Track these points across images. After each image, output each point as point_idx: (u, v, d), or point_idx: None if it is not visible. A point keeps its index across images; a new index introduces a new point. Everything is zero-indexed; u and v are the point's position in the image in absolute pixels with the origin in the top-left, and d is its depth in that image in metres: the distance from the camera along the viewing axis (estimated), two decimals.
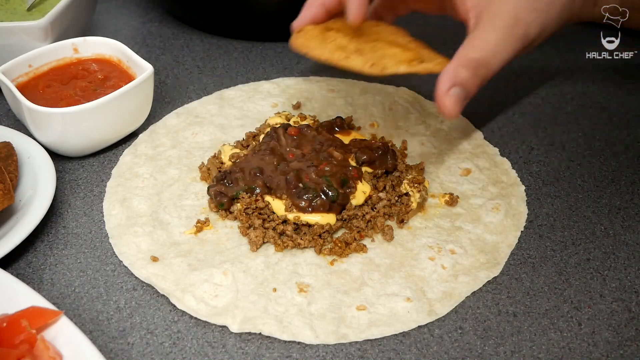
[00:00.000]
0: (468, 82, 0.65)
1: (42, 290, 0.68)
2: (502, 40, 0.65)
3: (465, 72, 0.64)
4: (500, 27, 0.65)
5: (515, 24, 0.65)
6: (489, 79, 0.67)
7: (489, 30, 0.65)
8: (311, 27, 0.73)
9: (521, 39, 0.66)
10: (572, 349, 0.63)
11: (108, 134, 0.83)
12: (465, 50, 0.65)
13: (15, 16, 0.91)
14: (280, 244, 0.71)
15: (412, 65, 0.66)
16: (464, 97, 0.65)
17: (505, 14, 0.65)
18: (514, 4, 0.65)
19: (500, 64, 0.66)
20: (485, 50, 0.65)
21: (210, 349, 0.63)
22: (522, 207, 0.77)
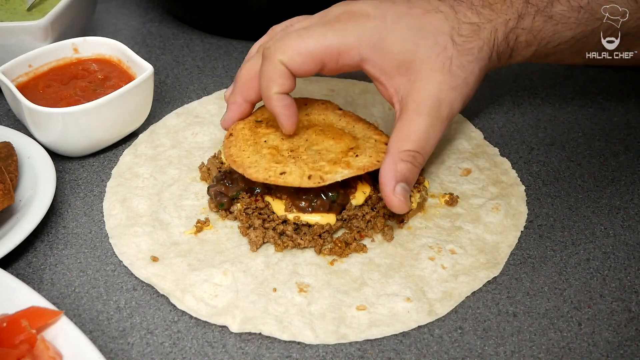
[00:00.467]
0: (409, 174, 0.67)
1: (42, 290, 0.68)
2: (430, 126, 0.66)
3: (404, 166, 0.66)
4: (426, 114, 0.66)
5: (439, 106, 0.66)
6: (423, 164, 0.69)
7: (416, 118, 0.66)
8: (241, 126, 0.76)
9: (447, 118, 0.67)
10: (572, 349, 0.63)
11: (108, 134, 0.83)
12: (399, 143, 0.66)
13: (15, 16, 0.91)
14: (280, 244, 0.71)
15: (350, 167, 0.69)
16: (409, 188, 0.67)
17: (428, 97, 0.66)
18: (435, 85, 0.66)
19: (433, 147, 0.68)
20: (418, 140, 0.66)
21: (210, 349, 0.63)
22: (522, 207, 0.77)
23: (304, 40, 0.66)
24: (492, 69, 0.72)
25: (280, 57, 0.66)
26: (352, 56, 0.67)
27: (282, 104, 0.69)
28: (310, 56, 0.66)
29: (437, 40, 0.66)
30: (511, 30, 0.69)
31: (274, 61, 0.67)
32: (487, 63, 0.69)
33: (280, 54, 0.66)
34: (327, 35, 0.66)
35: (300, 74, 0.68)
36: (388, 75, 0.68)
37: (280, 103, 0.69)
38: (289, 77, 0.67)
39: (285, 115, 0.69)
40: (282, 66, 0.67)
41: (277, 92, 0.68)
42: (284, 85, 0.68)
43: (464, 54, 0.67)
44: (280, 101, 0.69)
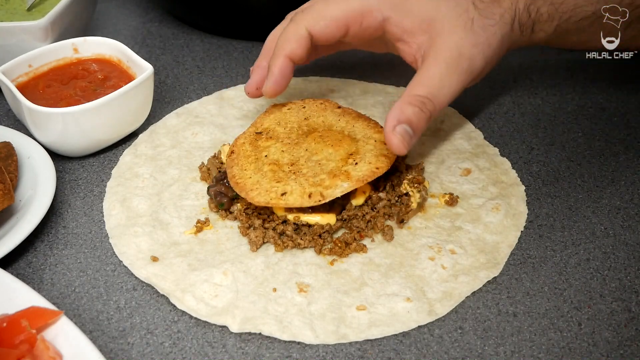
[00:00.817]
0: (414, 118, 0.66)
1: (42, 290, 0.68)
2: (446, 74, 0.67)
3: (411, 109, 0.66)
4: (444, 62, 0.67)
5: (459, 58, 0.67)
6: (438, 113, 0.68)
7: (434, 65, 0.67)
8: (241, 142, 0.76)
9: (466, 72, 0.67)
10: (572, 349, 0.63)
11: (108, 134, 0.83)
12: (411, 88, 0.67)
13: (15, 16, 0.91)
14: (280, 244, 0.71)
15: (350, 179, 0.69)
16: (412, 133, 0.66)
17: (448, 49, 0.67)
18: (456, 40, 0.67)
19: (447, 97, 0.68)
20: (431, 86, 0.67)
21: (210, 349, 0.63)
22: (522, 207, 0.77)
23: (329, 6, 0.69)
24: (515, 44, 0.72)
25: (306, 22, 0.70)
26: (375, 17, 0.69)
27: (281, 67, 0.71)
28: (334, 20, 0.69)
29: (458, 2, 0.68)
30: (532, 1, 0.69)
31: (298, 25, 0.70)
32: (509, 31, 0.69)
33: (306, 19, 0.70)
34: (350, 0, 0.69)
35: (324, 38, 0.70)
36: (410, 33, 0.69)
37: (280, 64, 0.71)
38: (305, 45, 0.70)
39: (276, 79, 0.72)
40: (305, 31, 0.70)
41: (287, 55, 0.71)
42: (296, 51, 0.70)
43: (485, 16, 0.67)
44: (283, 63, 0.71)
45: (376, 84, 0.96)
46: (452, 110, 0.91)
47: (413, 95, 0.67)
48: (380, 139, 0.74)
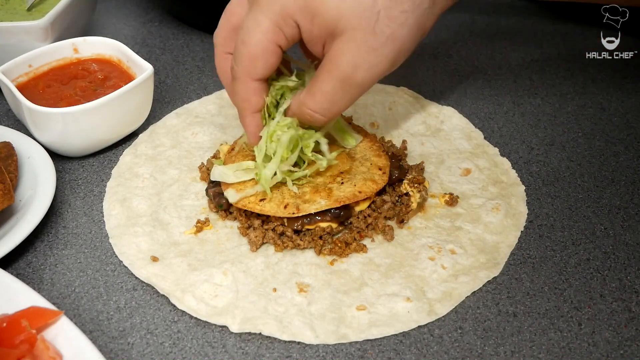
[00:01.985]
0: (304, 124, 0.68)
1: (42, 290, 0.68)
2: (339, 91, 0.64)
3: (301, 117, 0.67)
4: (338, 79, 0.63)
5: (353, 71, 0.62)
6: (330, 121, 0.68)
7: (327, 80, 0.64)
8: (243, 140, 0.76)
9: (362, 83, 0.64)
10: (572, 349, 0.63)
11: (108, 134, 0.83)
12: (305, 98, 0.66)
13: (15, 16, 0.91)
14: (280, 244, 0.71)
15: (329, 197, 0.69)
16: None
17: (343, 63, 0.62)
18: (352, 50, 0.62)
19: (340, 110, 0.67)
20: (323, 102, 0.65)
21: (210, 349, 0.63)
22: (522, 207, 0.77)
23: (249, 45, 0.64)
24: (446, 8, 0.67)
25: (246, 72, 0.65)
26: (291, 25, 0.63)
27: (255, 124, 0.70)
28: (266, 52, 0.64)
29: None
30: None
31: (243, 80, 0.66)
32: (428, 7, 0.63)
33: (243, 69, 0.65)
34: (260, 21, 0.63)
35: (270, 71, 0.66)
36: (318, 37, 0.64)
37: (251, 122, 0.70)
38: (262, 91, 0.67)
39: (255, 135, 0.70)
40: (254, 83, 0.66)
41: (253, 112, 0.69)
42: (259, 102, 0.68)
43: (396, 3, 0.61)
44: (253, 120, 0.69)
45: (376, 83, 0.95)
46: (452, 111, 0.91)
47: (305, 106, 0.66)
48: (376, 163, 0.74)
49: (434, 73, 1.00)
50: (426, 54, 1.03)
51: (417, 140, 0.86)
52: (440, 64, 1.02)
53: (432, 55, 1.03)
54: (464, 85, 0.97)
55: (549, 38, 1.08)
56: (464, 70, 1.00)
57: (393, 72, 0.98)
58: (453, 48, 1.06)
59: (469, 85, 0.97)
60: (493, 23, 1.12)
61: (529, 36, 1.08)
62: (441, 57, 1.03)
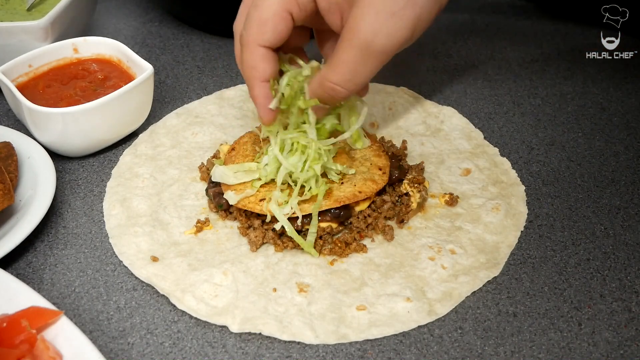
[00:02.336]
0: (326, 100, 0.67)
1: (42, 290, 0.68)
2: (360, 61, 0.63)
3: (322, 93, 0.66)
4: (358, 48, 0.62)
5: (373, 39, 0.61)
6: (354, 93, 0.67)
7: (348, 50, 0.63)
8: (245, 140, 0.78)
9: (382, 51, 0.62)
10: (572, 349, 0.63)
11: (108, 134, 0.83)
12: (326, 71, 0.65)
13: (15, 16, 0.91)
14: (280, 244, 0.71)
15: (329, 198, 0.70)
16: (325, 107, 0.67)
17: (361, 30, 0.61)
18: (370, 17, 0.61)
19: (362, 82, 0.65)
20: (344, 74, 0.64)
21: (210, 349, 0.63)
22: (522, 207, 0.77)
23: (260, 9, 0.64)
24: None
25: (254, 38, 0.65)
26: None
27: (262, 94, 0.68)
28: (276, 17, 0.64)
29: None
30: None
31: (250, 46, 0.66)
32: None
33: (252, 36, 0.65)
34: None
35: (280, 39, 0.66)
36: (335, 3, 0.64)
37: (259, 92, 0.68)
38: (270, 59, 0.67)
39: (264, 107, 0.69)
40: (260, 49, 0.66)
41: (261, 80, 0.67)
42: (266, 70, 0.67)
43: None
44: (262, 90, 0.68)
45: (376, 83, 0.95)
46: (452, 111, 0.91)
47: (326, 80, 0.65)
48: (377, 163, 0.74)
49: (434, 73, 1.00)
50: (426, 54, 1.03)
51: (417, 140, 0.86)
52: (440, 64, 1.02)
53: (432, 55, 1.03)
54: (464, 85, 0.97)
55: (549, 38, 1.08)
56: (464, 70, 1.00)
57: (393, 72, 0.98)
58: (453, 48, 1.06)
59: (469, 85, 0.97)
60: (493, 23, 1.12)
61: (529, 36, 1.08)
62: (441, 57, 1.03)
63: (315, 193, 0.69)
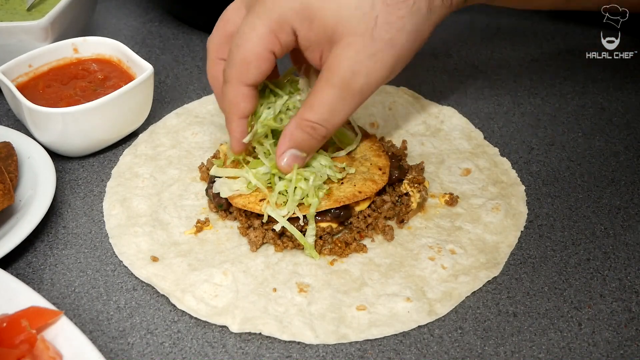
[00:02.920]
0: (304, 143, 0.66)
1: (42, 290, 0.68)
2: (339, 99, 0.63)
3: (300, 135, 0.66)
4: (337, 86, 0.62)
5: (351, 78, 0.61)
6: (332, 133, 0.67)
7: (326, 89, 0.63)
8: None
9: (361, 91, 0.63)
10: (572, 349, 0.63)
11: (108, 134, 0.83)
12: (304, 110, 0.65)
13: (15, 16, 0.91)
14: (280, 244, 0.71)
15: (330, 198, 0.69)
16: (303, 155, 0.67)
17: (341, 69, 0.61)
18: (351, 56, 0.61)
19: (340, 120, 0.65)
20: (322, 113, 0.64)
21: (210, 349, 0.63)
22: (522, 207, 0.77)
23: (243, 49, 0.63)
24: (444, 16, 0.66)
25: (238, 76, 0.65)
26: (287, 31, 0.63)
27: (240, 130, 0.69)
28: (259, 57, 0.63)
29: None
30: None
31: (233, 85, 0.66)
32: (425, 14, 0.62)
33: (236, 73, 0.65)
34: (256, 26, 0.63)
35: (262, 77, 0.66)
36: (316, 43, 0.64)
37: (236, 127, 0.69)
38: (252, 97, 0.66)
39: (238, 140, 0.69)
40: (244, 88, 0.65)
41: (240, 117, 0.68)
42: (247, 108, 0.67)
43: (393, 9, 0.61)
44: (239, 125, 0.68)
45: None
46: (452, 111, 0.91)
47: (304, 120, 0.65)
48: (377, 162, 0.74)
49: (434, 73, 1.00)
50: (426, 54, 1.03)
51: (417, 140, 0.86)
52: (440, 64, 1.02)
53: (432, 55, 1.03)
54: (464, 85, 0.97)
55: (549, 38, 1.08)
56: (464, 70, 1.00)
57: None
58: (453, 48, 1.06)
59: (469, 85, 0.97)
60: (493, 23, 1.12)
61: (529, 36, 1.08)
62: (441, 57, 1.03)
63: (314, 197, 0.69)
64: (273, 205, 0.69)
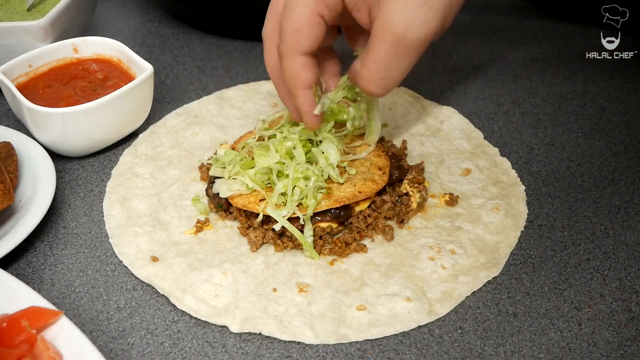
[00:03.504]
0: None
1: (42, 290, 0.68)
2: (393, 55, 0.61)
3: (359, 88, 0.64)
4: (388, 41, 0.60)
5: (405, 31, 0.59)
6: (388, 92, 0.65)
7: (377, 45, 0.61)
8: None
9: (416, 43, 0.60)
10: (572, 349, 0.63)
11: (108, 134, 0.83)
12: (361, 68, 0.63)
13: (15, 16, 0.91)
14: (280, 244, 0.71)
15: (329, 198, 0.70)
16: None
17: (391, 23, 0.59)
18: (399, 8, 0.59)
19: (399, 77, 0.63)
20: (376, 72, 0.62)
21: (210, 349, 0.63)
22: (522, 207, 0.77)
23: (291, 17, 0.63)
24: None
25: (293, 47, 0.64)
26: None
27: (309, 102, 0.67)
28: (310, 24, 0.63)
29: None
30: None
31: (291, 57, 0.65)
32: None
33: (290, 44, 0.64)
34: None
35: (316, 44, 0.65)
36: (363, 2, 0.63)
37: (307, 100, 0.67)
38: (314, 68, 0.66)
39: (309, 113, 0.68)
40: (302, 58, 0.65)
41: (305, 88, 0.67)
42: (310, 78, 0.66)
43: None
44: (307, 98, 0.67)
45: None
46: (452, 111, 0.91)
47: (361, 79, 0.63)
48: (377, 162, 0.74)
49: (434, 73, 1.00)
50: (426, 54, 1.03)
51: (417, 140, 0.86)
52: (440, 64, 1.02)
53: (432, 55, 1.03)
54: (464, 85, 0.97)
55: (549, 38, 1.08)
56: (464, 70, 1.00)
57: None
58: (453, 48, 1.06)
59: (469, 85, 0.97)
60: (493, 23, 1.12)
61: (529, 36, 1.08)
62: (441, 57, 1.03)
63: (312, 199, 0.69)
64: (272, 205, 0.69)
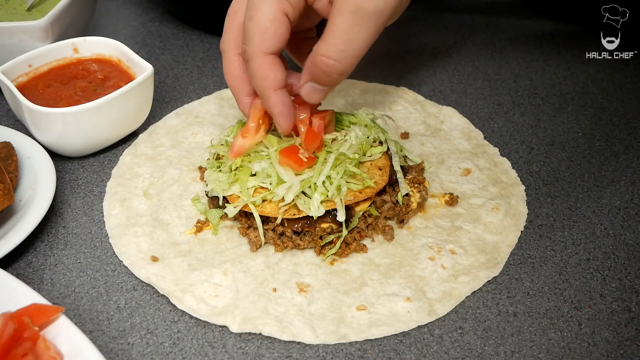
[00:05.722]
0: (321, 79, 0.64)
1: (42, 290, 0.68)
2: (353, 25, 0.59)
3: (316, 70, 0.63)
4: (349, 13, 0.59)
5: (363, 1, 0.58)
6: (351, 67, 0.63)
7: (338, 18, 0.60)
8: None
9: (376, 16, 0.59)
10: (572, 349, 0.63)
11: (108, 134, 0.83)
12: (319, 46, 0.62)
13: (15, 16, 0.91)
14: (280, 244, 0.71)
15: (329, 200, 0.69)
16: (322, 89, 0.65)
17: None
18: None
19: (360, 49, 0.61)
20: (335, 44, 0.61)
21: (210, 349, 0.63)
22: (522, 207, 0.77)
23: (256, 18, 0.63)
24: None
25: (258, 48, 0.64)
26: None
27: (282, 103, 0.66)
28: (273, 24, 0.63)
29: None
30: None
31: (256, 57, 0.64)
32: None
33: (256, 46, 0.64)
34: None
35: (282, 43, 0.64)
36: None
37: (279, 101, 0.66)
38: (278, 65, 0.65)
39: (285, 115, 0.67)
40: (269, 57, 0.64)
41: (276, 88, 0.65)
42: (278, 77, 0.65)
43: None
44: (280, 100, 0.66)
45: (376, 83, 0.96)
46: (452, 111, 0.91)
47: (318, 55, 0.62)
48: (377, 163, 0.74)
49: (434, 73, 1.00)
50: (426, 54, 1.03)
51: (417, 140, 0.86)
52: (440, 64, 1.02)
53: (432, 55, 1.03)
54: (464, 85, 0.97)
55: (549, 38, 1.08)
56: (464, 70, 1.00)
57: (393, 72, 0.98)
58: (453, 48, 1.06)
59: (469, 85, 0.97)
60: (493, 23, 1.12)
61: (529, 36, 1.08)
62: (441, 57, 1.04)
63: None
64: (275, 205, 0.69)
